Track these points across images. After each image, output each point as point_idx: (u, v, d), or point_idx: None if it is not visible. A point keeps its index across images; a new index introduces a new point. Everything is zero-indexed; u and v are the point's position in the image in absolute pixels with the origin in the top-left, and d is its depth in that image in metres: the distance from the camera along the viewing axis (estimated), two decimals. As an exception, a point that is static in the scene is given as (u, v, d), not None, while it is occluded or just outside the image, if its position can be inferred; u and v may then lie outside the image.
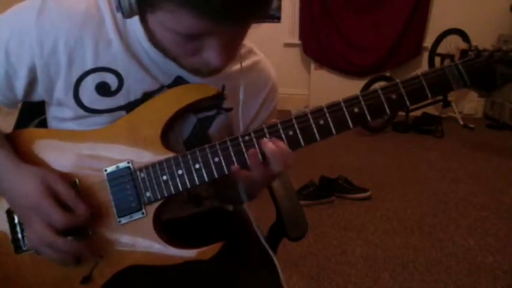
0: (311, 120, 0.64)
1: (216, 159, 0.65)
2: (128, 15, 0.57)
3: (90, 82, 0.67)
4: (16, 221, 0.70)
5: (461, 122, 3.82)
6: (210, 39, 0.57)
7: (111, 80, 0.68)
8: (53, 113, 0.74)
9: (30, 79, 0.67)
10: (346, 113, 0.63)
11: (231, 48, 0.62)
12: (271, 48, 3.94)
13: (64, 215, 0.62)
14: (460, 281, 1.69)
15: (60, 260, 0.66)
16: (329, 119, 0.64)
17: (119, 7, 0.56)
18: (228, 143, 0.65)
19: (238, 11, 0.53)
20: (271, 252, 0.78)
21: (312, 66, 4.30)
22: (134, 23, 0.67)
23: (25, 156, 0.68)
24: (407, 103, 0.64)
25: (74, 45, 0.65)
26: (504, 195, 2.44)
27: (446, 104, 3.86)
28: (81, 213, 0.64)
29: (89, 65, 0.67)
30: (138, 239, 0.68)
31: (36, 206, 0.62)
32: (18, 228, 0.69)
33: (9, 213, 0.70)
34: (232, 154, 0.65)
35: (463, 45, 3.67)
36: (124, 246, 0.68)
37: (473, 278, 1.71)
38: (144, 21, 0.62)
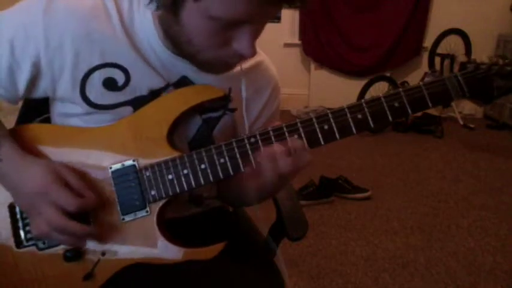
0: (316, 125, 0.65)
1: (222, 160, 0.66)
2: (161, 7, 0.59)
3: (98, 77, 0.68)
4: (18, 216, 0.69)
5: (461, 122, 3.82)
6: (245, 27, 0.59)
7: (118, 75, 0.69)
8: (57, 109, 0.74)
9: (34, 74, 0.67)
10: (350, 119, 0.65)
11: (255, 40, 0.64)
12: (271, 48, 3.94)
13: (75, 198, 0.62)
14: (460, 281, 1.69)
15: (69, 244, 0.66)
16: (333, 124, 0.65)
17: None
18: (234, 144, 0.66)
19: None
20: (275, 249, 0.78)
21: (312, 66, 4.31)
22: (142, 21, 0.68)
23: (27, 151, 0.68)
24: (409, 111, 0.66)
25: (80, 41, 0.66)
26: (504, 195, 2.44)
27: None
28: (91, 198, 0.64)
29: (96, 61, 0.67)
30: (141, 237, 0.68)
31: (45, 191, 0.62)
32: (20, 224, 0.69)
33: (11, 208, 0.70)
34: (238, 155, 0.65)
35: (463, 57, 3.68)
36: (127, 244, 0.68)
37: (473, 278, 1.71)
38: (171, 13, 0.61)
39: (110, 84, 0.68)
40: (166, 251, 0.68)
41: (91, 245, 0.68)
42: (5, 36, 0.65)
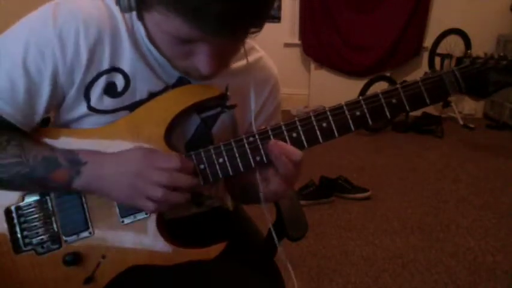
0: (314, 123, 0.65)
1: (221, 160, 0.66)
2: (125, 10, 0.57)
3: (102, 82, 0.67)
4: (15, 221, 0.69)
5: (461, 122, 3.82)
6: (201, 45, 0.57)
7: (119, 81, 0.68)
8: (60, 112, 0.73)
9: (53, 90, 0.65)
10: (348, 116, 0.65)
11: (223, 57, 0.61)
12: (271, 48, 3.93)
13: (175, 156, 0.62)
14: (460, 281, 1.69)
15: (180, 200, 0.64)
16: (332, 122, 0.65)
17: (118, 2, 0.56)
18: (233, 144, 0.65)
19: (233, 26, 0.52)
20: (277, 243, 0.78)
21: (312, 66, 4.31)
22: (138, 23, 0.66)
23: None
24: (407, 107, 0.65)
25: (94, 44, 0.64)
26: (504, 195, 2.44)
27: (446, 104, 3.86)
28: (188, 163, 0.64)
29: (105, 66, 0.66)
30: (141, 239, 0.68)
31: (146, 160, 0.62)
32: (17, 228, 0.69)
33: (8, 213, 0.69)
34: (236, 155, 0.65)
35: (461, 52, 3.69)
36: (127, 246, 0.68)
37: (473, 278, 1.71)
38: (141, 20, 0.61)
39: (110, 90, 0.68)
40: (166, 252, 0.68)
41: (91, 247, 0.68)
42: (16, 59, 0.62)
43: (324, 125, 0.65)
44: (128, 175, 0.62)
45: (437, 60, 3.83)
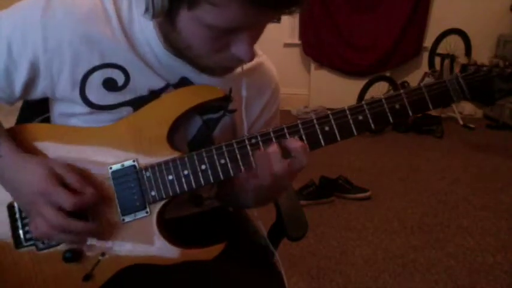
0: (316, 126, 0.65)
1: (222, 161, 0.66)
2: (157, 15, 0.58)
3: (97, 78, 0.67)
4: (17, 215, 0.69)
5: (461, 122, 3.82)
6: (241, 34, 0.59)
7: (118, 76, 0.68)
8: (58, 109, 0.74)
9: (31, 75, 0.67)
10: (351, 121, 0.65)
11: (254, 44, 0.63)
12: (271, 48, 3.94)
13: (73, 196, 0.62)
14: (460, 281, 1.69)
15: (70, 243, 0.67)
16: (334, 126, 0.65)
17: (150, 7, 0.57)
18: (235, 145, 0.66)
19: None
20: (274, 251, 0.78)
21: (312, 66, 4.31)
22: (142, 23, 0.67)
23: (27, 151, 0.68)
24: (410, 113, 0.66)
25: (79, 42, 0.65)
26: (504, 195, 2.44)
27: (447, 104, 3.85)
28: (90, 193, 0.64)
29: (96, 62, 0.67)
30: (141, 238, 0.68)
31: (43, 191, 0.62)
32: (19, 223, 0.69)
33: (10, 208, 0.70)
34: (238, 156, 0.65)
35: (463, 57, 3.69)
36: (126, 244, 0.68)
37: (473, 278, 1.71)
38: (172, 22, 0.61)
39: (109, 84, 0.68)
40: (165, 251, 0.68)
41: (91, 245, 0.68)
42: (3, 37, 0.65)
43: (327, 128, 0.65)
44: (25, 193, 0.64)
45: (437, 60, 3.83)
